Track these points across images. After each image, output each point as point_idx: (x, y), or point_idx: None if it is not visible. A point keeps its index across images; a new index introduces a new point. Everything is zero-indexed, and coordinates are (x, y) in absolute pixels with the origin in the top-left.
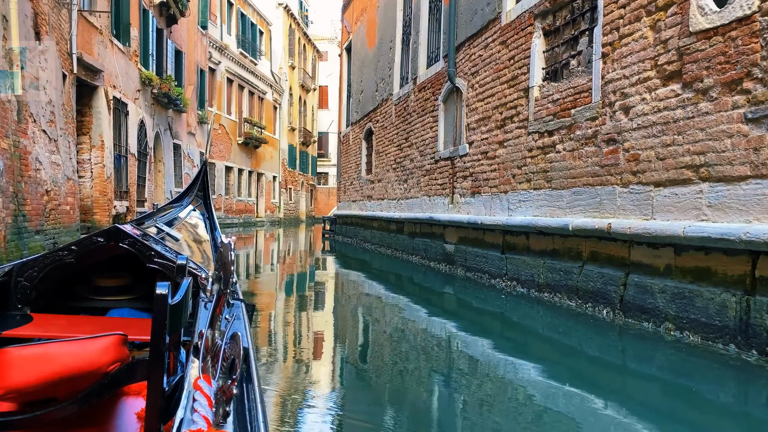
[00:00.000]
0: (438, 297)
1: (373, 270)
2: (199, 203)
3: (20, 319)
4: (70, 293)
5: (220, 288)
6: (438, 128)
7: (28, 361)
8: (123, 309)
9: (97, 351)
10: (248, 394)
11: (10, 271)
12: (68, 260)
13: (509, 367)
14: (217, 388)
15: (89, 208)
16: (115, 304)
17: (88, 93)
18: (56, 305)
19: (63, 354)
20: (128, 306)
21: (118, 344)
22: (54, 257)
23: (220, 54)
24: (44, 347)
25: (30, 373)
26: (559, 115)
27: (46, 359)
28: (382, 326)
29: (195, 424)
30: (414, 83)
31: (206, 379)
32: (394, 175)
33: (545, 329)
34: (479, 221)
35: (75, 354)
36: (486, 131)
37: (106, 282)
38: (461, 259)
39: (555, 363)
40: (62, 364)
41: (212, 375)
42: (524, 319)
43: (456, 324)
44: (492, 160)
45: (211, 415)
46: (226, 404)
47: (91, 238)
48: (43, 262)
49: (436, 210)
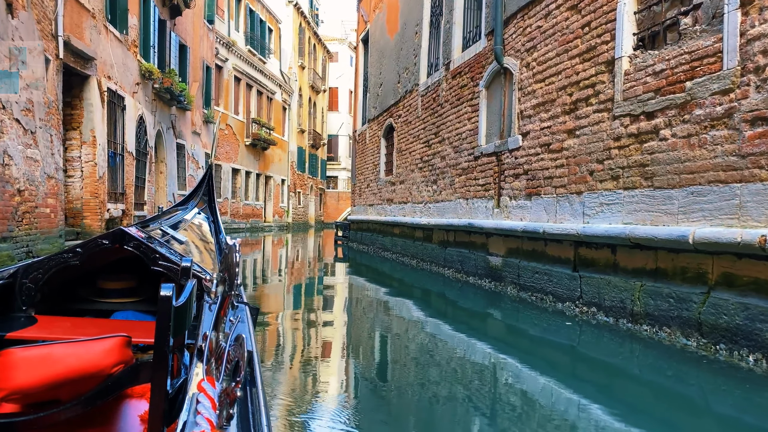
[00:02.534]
0: (479, 319)
1: (394, 283)
2: (204, 206)
3: (24, 321)
4: (74, 295)
5: (224, 290)
6: (479, 119)
7: (31, 363)
8: (127, 311)
9: (101, 353)
10: (252, 397)
11: (15, 273)
12: (73, 262)
13: (589, 416)
14: (221, 391)
15: (78, 211)
16: (119, 306)
17: (79, 83)
18: (60, 307)
19: (67, 355)
20: (132, 308)
21: (122, 346)
22: (59, 259)
23: (227, 51)
24: (48, 348)
25: (34, 375)
26: (665, 91)
27: (50, 361)
28: (401, 341)
29: (198, 427)
30: (446, 69)
31: (210, 381)
32: (420, 176)
33: (645, 372)
34: (540, 229)
35: (79, 356)
36: (548, 118)
37: (110, 284)
38: (512, 275)
39: (666, 420)
40: (66, 365)
41: (216, 377)
42: (609, 356)
43: (504, 352)
44: (557, 154)
45: (215, 418)
46: (230, 407)
47: (96, 241)
48: (48, 264)
49: (477, 215)
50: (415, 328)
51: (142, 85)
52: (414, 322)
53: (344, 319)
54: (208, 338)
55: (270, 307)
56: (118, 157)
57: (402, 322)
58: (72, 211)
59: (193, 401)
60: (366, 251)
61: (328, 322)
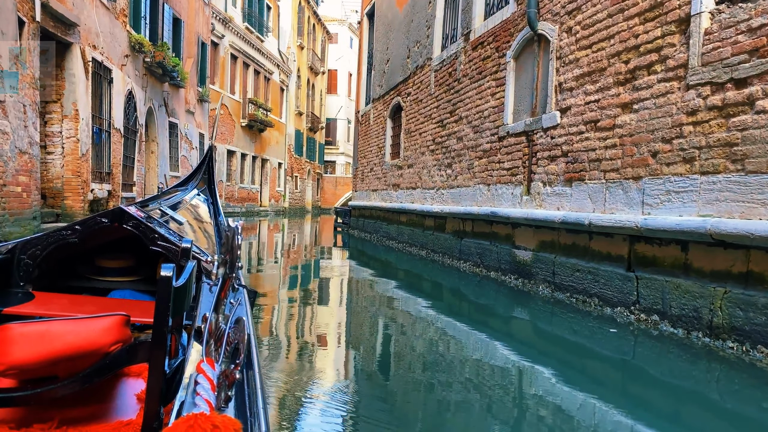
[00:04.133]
0: (502, 319)
1: (400, 273)
2: (204, 188)
3: (22, 296)
4: (72, 273)
5: (225, 272)
6: (505, 94)
7: (29, 338)
8: (125, 291)
9: (100, 330)
10: (248, 380)
11: (13, 249)
12: (71, 239)
13: None
14: (220, 372)
15: (59, 191)
16: (117, 285)
17: (60, 51)
18: (58, 284)
19: (65, 332)
20: (130, 288)
21: (121, 324)
22: (57, 236)
23: (223, 27)
24: (46, 325)
25: (31, 350)
26: (764, 52)
27: (48, 337)
28: (405, 332)
29: (197, 407)
30: (465, 40)
31: (209, 362)
32: (431, 159)
33: (730, 400)
34: (584, 220)
35: (77, 332)
36: (596, 91)
37: (108, 263)
38: (545, 272)
39: None
40: (64, 342)
41: (215, 359)
42: (677, 377)
43: (534, 359)
44: (607, 132)
45: (214, 399)
46: (229, 389)
47: (95, 218)
48: (47, 241)
49: (501, 203)
50: (422, 321)
51: (132, 58)
52: (421, 315)
53: (344, 308)
54: (209, 320)
55: (267, 293)
56: (104, 133)
57: (407, 314)
58: (51, 190)
59: (192, 382)
60: (369, 239)
61: (328, 311)
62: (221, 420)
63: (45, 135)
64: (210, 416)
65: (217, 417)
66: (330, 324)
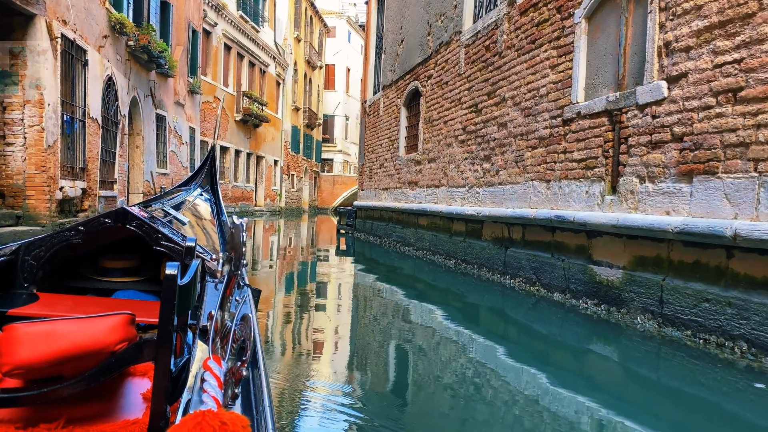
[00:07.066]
0: (572, 354)
1: (419, 285)
2: (207, 187)
3: (26, 298)
4: (76, 274)
5: (230, 269)
6: (574, 65)
7: (35, 338)
8: (129, 291)
9: (105, 330)
10: (254, 377)
11: (17, 250)
12: (75, 240)
13: None
14: (227, 370)
15: (20, 189)
16: (120, 285)
17: (21, 25)
18: (62, 285)
19: (70, 332)
20: (134, 288)
21: (126, 323)
22: (61, 237)
23: (216, 14)
24: (52, 324)
25: (37, 350)
26: None
27: (54, 336)
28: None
29: (204, 405)
30: (510, 4)
31: (216, 359)
32: (461, 151)
33: None
34: (724, 230)
35: (82, 332)
36: (733, 48)
37: (112, 263)
38: (645, 298)
39: None
40: (69, 341)
41: (222, 356)
42: None
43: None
44: (756, 105)
45: (221, 396)
46: (235, 386)
47: (99, 219)
48: (51, 242)
49: (569, 204)
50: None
51: (112, 39)
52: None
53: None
54: (214, 318)
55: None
56: (76, 123)
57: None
58: (11, 188)
59: (198, 380)
60: (379, 244)
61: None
62: (229, 417)
63: (3, 123)
64: (218, 413)
65: (225, 414)
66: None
